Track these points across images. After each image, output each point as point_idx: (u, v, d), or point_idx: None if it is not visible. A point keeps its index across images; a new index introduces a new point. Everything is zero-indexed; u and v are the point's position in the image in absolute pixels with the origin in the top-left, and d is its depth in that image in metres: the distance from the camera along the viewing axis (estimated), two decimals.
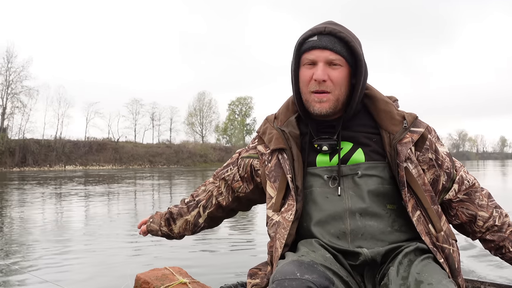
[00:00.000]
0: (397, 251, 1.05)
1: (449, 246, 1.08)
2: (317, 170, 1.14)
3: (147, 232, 1.52)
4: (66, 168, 47.67)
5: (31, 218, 7.32)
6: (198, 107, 69.11)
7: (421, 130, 1.13)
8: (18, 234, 5.80)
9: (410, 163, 1.10)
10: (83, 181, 19.40)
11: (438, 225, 1.08)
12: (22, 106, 49.84)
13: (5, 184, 18.10)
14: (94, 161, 51.34)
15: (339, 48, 1.09)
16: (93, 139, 55.02)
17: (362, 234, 1.06)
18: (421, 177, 1.11)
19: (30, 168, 45.20)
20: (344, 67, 1.11)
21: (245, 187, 1.33)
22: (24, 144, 46.95)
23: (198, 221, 1.42)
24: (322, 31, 1.10)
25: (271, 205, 1.18)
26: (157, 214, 1.51)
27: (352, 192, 1.10)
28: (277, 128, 1.21)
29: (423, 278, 0.95)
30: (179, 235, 1.48)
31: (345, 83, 1.12)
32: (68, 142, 51.21)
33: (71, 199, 10.89)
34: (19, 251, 4.70)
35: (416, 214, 1.08)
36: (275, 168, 1.18)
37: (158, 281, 1.80)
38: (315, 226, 1.10)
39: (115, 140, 57.40)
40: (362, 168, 1.11)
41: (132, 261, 3.92)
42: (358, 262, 1.05)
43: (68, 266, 3.90)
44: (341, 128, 1.15)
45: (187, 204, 1.43)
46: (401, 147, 1.09)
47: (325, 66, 1.10)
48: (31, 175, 28.31)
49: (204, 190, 1.42)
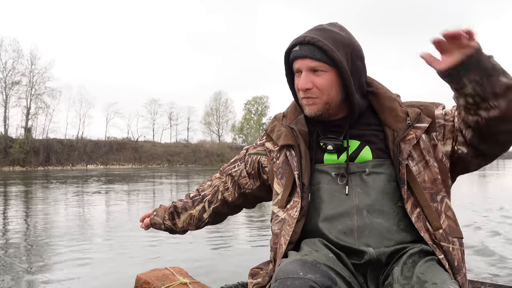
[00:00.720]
0: (402, 252, 1.04)
1: (449, 244, 1.06)
2: (324, 167, 1.15)
3: (149, 225, 1.50)
4: (88, 167, 48.63)
5: (52, 215, 7.46)
6: (215, 107, 69.55)
7: (425, 125, 1.12)
8: (40, 229, 5.91)
9: (411, 161, 1.09)
10: (107, 180, 19.76)
11: (436, 223, 1.06)
12: (45, 106, 51.15)
13: (35, 182, 18.54)
14: (115, 160, 52.23)
15: (318, 55, 1.09)
16: (113, 139, 55.98)
17: (369, 231, 1.06)
18: (421, 174, 1.09)
19: (53, 167, 46.30)
20: (329, 72, 1.11)
21: (252, 184, 1.33)
22: (48, 143, 48.11)
23: (202, 216, 1.41)
24: (302, 41, 1.11)
25: (276, 201, 1.18)
26: (161, 208, 1.49)
27: (359, 190, 1.10)
28: (286, 126, 1.22)
29: (427, 278, 0.94)
30: (183, 230, 1.46)
31: (334, 87, 1.12)
32: (89, 141, 52.20)
33: (95, 197, 11.10)
34: (35, 248, 4.79)
35: (415, 212, 1.07)
36: (282, 165, 1.19)
37: (159, 281, 1.79)
38: (322, 222, 1.10)
39: (134, 139, 58.29)
40: (370, 165, 1.11)
41: (132, 261, 3.94)
42: (363, 261, 1.04)
43: (76, 265, 3.94)
44: (348, 127, 1.16)
45: (192, 199, 1.42)
46: (404, 144, 1.09)
47: (308, 74, 1.12)
48: (57, 174, 29.01)
49: (210, 185, 1.42)
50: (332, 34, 1.11)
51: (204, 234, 2.76)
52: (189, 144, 63.52)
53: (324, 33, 1.11)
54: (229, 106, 70.47)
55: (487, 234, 5.38)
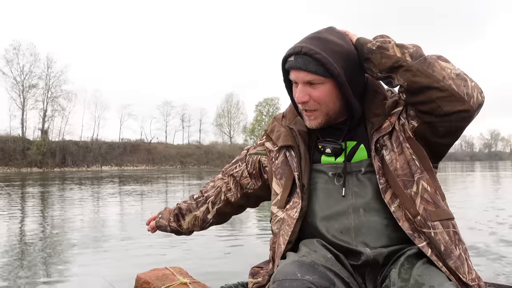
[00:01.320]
0: (400, 253, 1.03)
1: (430, 229, 1.01)
2: (322, 167, 1.14)
3: (156, 228, 1.51)
4: (103, 168, 49.22)
5: (68, 215, 7.56)
6: (226, 109, 69.76)
7: (399, 109, 1.11)
8: (57, 228, 5.99)
9: (385, 150, 1.08)
10: (120, 181, 19.92)
11: (412, 210, 1.03)
12: (61, 109, 52.00)
13: (53, 183, 18.84)
14: (129, 161, 52.79)
15: (313, 68, 1.06)
16: (127, 141, 56.61)
17: (366, 229, 1.05)
18: (393, 162, 1.07)
19: (69, 168, 46.98)
20: (325, 84, 1.08)
21: (254, 184, 1.33)
22: (64, 145, 48.89)
23: (207, 217, 1.41)
24: (299, 52, 1.07)
25: (276, 202, 1.17)
26: (166, 210, 1.50)
27: (356, 189, 1.09)
28: (285, 126, 1.22)
29: (425, 280, 0.93)
30: (188, 231, 1.47)
31: (332, 97, 1.10)
32: (104, 143, 52.85)
33: (110, 198, 11.18)
34: (46, 244, 4.85)
35: (396, 202, 1.04)
36: (281, 165, 1.18)
37: (159, 281, 1.79)
38: (320, 221, 1.09)
39: (147, 141, 58.78)
40: (365, 164, 1.11)
41: (133, 262, 3.93)
42: (360, 262, 1.03)
43: (76, 264, 3.97)
44: (348, 129, 1.15)
45: (196, 200, 1.42)
46: (376, 134, 1.09)
47: (304, 87, 1.09)
48: (76, 175, 29.37)
49: (213, 186, 1.42)
50: (329, 45, 1.07)
51: (204, 234, 2.75)
52: (201, 145, 63.85)
53: (321, 42, 1.07)
54: (240, 107, 70.70)
55: (490, 233, 5.27)
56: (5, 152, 44.63)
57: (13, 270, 3.78)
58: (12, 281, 3.38)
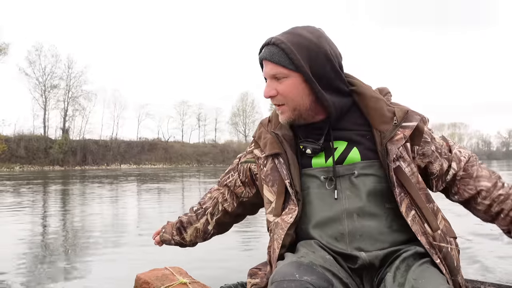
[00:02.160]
0: (395, 255, 1.01)
1: (447, 244, 1.03)
2: (313, 171, 1.11)
3: (161, 242, 1.52)
4: (121, 166, 49.99)
5: (88, 213, 7.69)
6: (242, 107, 69.85)
7: (413, 124, 1.08)
8: (56, 226, 6.10)
9: (402, 162, 1.05)
10: (144, 179, 20.13)
11: (434, 224, 1.03)
12: (81, 109, 53.00)
13: (78, 181, 19.21)
14: (147, 160, 53.48)
15: (277, 58, 1.06)
16: (144, 139, 57.32)
17: (360, 235, 1.02)
18: (415, 175, 1.06)
19: (90, 166, 47.90)
20: (290, 77, 1.07)
21: (248, 192, 1.32)
22: (84, 144, 49.85)
23: (207, 228, 1.41)
24: (269, 42, 1.08)
25: (271, 210, 1.14)
26: (168, 224, 1.50)
27: (349, 193, 1.06)
28: (271, 132, 1.18)
29: (420, 284, 0.90)
30: (192, 243, 1.47)
31: (298, 91, 1.08)
32: (123, 142, 53.69)
33: (129, 196, 11.29)
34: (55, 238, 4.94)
35: (411, 214, 1.02)
36: (271, 172, 1.15)
37: (158, 281, 1.79)
38: (313, 228, 1.07)
39: (165, 140, 59.39)
40: (359, 167, 1.07)
41: (132, 261, 3.93)
42: (357, 266, 1.01)
43: (76, 263, 3.99)
44: (333, 129, 1.11)
45: (195, 212, 1.43)
46: (391, 145, 1.04)
47: (272, 81, 1.09)
48: (99, 174, 29.82)
49: (210, 198, 1.41)
50: (298, 39, 1.06)
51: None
52: (216, 144, 64.19)
53: (291, 35, 1.07)
54: (255, 106, 70.54)
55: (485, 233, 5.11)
56: (29, 150, 45.84)
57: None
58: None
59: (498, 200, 1.12)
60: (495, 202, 1.12)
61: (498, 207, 1.12)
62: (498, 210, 1.12)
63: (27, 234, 5.57)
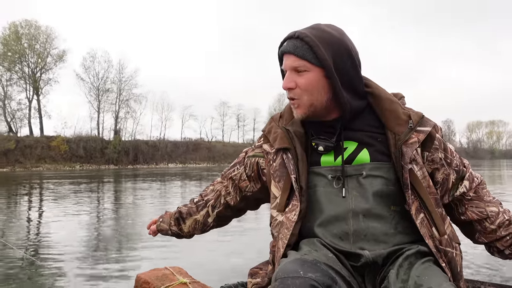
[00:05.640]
0: (399, 253, 0.99)
1: (452, 249, 1.02)
2: (321, 170, 1.08)
3: (157, 231, 1.48)
4: (169, 165, 51.54)
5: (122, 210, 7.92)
6: (278, 108, 69.54)
7: (427, 129, 1.05)
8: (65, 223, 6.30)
9: (415, 165, 1.02)
10: (186, 177, 20.59)
11: (441, 228, 1.01)
12: (132, 111, 55.16)
13: (137, 180, 20.01)
14: (191, 159, 54.74)
15: (301, 52, 1.02)
16: (188, 140, 58.71)
17: (365, 235, 1.00)
18: (426, 179, 1.03)
19: (141, 165, 49.75)
20: (312, 71, 1.03)
21: (252, 186, 1.27)
22: (136, 144, 51.88)
23: (207, 221, 1.37)
24: (292, 36, 1.05)
25: (275, 205, 1.12)
26: (166, 214, 1.47)
27: (356, 193, 1.03)
28: (282, 127, 1.15)
29: (423, 281, 0.89)
30: (189, 234, 1.43)
31: (318, 87, 1.04)
32: (169, 142, 55.30)
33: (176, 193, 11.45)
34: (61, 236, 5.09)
35: (419, 217, 1.00)
36: (279, 167, 1.12)
37: (159, 281, 1.74)
38: (318, 226, 1.05)
39: (208, 140, 60.51)
40: (367, 168, 1.04)
41: (133, 262, 3.92)
42: (360, 264, 0.99)
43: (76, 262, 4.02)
44: (344, 128, 1.08)
45: (196, 204, 1.38)
46: (406, 148, 1.02)
47: (292, 74, 1.05)
48: (153, 172, 30.99)
49: (213, 190, 1.37)
50: (322, 34, 1.03)
51: (204, 234, 2.67)
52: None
53: (315, 30, 1.04)
54: None
55: None
56: (87, 151, 48.37)
57: None
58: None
59: (503, 225, 1.13)
60: (501, 227, 1.13)
61: (505, 231, 1.13)
62: (504, 234, 1.13)
63: (92, 222, 5.76)
